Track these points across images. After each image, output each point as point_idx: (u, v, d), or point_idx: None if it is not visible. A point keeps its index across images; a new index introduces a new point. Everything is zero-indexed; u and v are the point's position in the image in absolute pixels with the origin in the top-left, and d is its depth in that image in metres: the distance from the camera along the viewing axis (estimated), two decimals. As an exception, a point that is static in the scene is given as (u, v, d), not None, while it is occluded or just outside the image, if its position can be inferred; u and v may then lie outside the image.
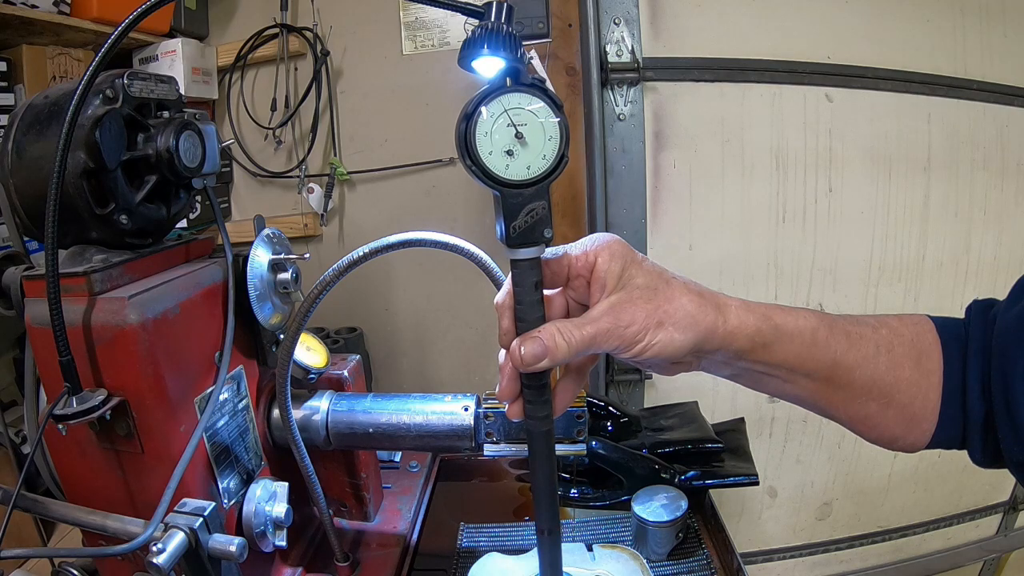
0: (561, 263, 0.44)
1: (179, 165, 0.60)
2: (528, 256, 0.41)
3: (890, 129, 1.38)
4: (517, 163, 0.38)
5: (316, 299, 0.61)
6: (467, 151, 0.38)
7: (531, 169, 0.38)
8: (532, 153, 0.38)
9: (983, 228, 1.45)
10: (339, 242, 1.58)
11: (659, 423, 1.02)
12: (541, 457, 0.46)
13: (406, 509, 0.90)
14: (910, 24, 1.34)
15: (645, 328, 0.41)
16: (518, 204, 0.39)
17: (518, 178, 0.38)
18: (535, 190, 0.39)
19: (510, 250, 0.40)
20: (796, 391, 0.48)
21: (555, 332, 0.41)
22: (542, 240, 0.41)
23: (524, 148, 0.38)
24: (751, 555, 1.61)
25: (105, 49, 0.51)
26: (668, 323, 0.41)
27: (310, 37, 1.44)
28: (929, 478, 1.58)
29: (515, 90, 0.38)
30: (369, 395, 0.76)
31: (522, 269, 0.41)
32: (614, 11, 1.31)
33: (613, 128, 1.35)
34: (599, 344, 0.41)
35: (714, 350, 0.44)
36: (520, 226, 0.39)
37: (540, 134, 0.38)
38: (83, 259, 0.58)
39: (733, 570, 0.78)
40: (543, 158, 0.38)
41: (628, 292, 0.42)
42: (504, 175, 0.38)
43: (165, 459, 0.56)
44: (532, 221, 0.39)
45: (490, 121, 0.38)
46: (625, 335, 0.41)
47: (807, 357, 0.46)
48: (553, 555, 0.50)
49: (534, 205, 0.39)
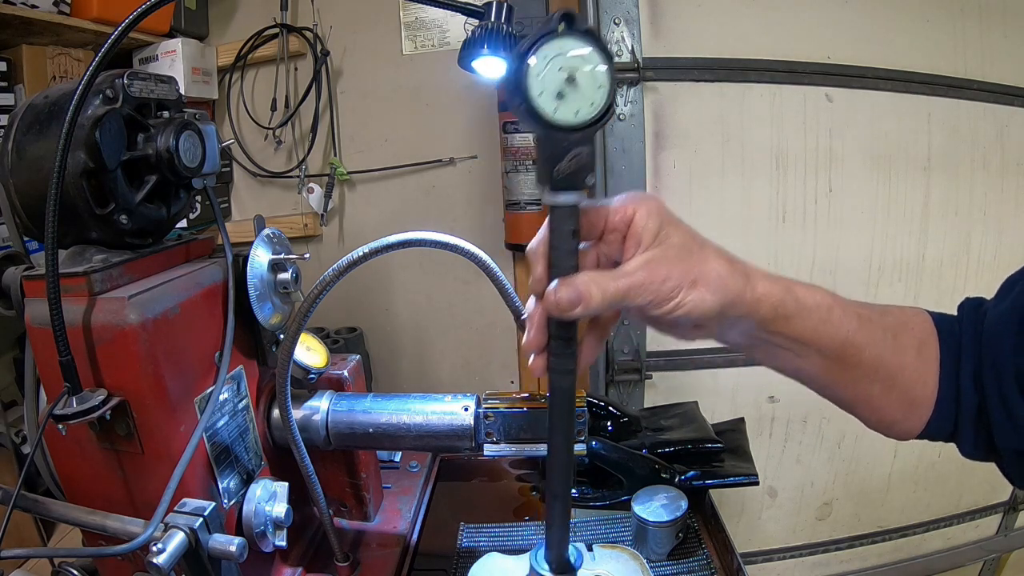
0: (598, 214, 0.43)
1: (179, 165, 0.60)
2: (568, 201, 0.40)
3: (890, 129, 1.38)
4: (566, 107, 0.38)
5: (316, 299, 0.61)
6: (517, 90, 0.37)
7: (579, 114, 0.38)
8: (581, 99, 0.38)
9: (983, 228, 1.45)
10: (339, 242, 1.58)
11: (659, 423, 1.02)
12: (560, 415, 0.45)
13: (406, 509, 0.90)
14: (910, 24, 1.34)
15: (679, 286, 0.41)
16: (563, 148, 0.38)
17: (565, 122, 0.38)
18: (581, 135, 0.38)
19: (551, 194, 0.40)
20: (806, 367, 0.49)
21: (590, 281, 0.40)
22: (584, 186, 0.40)
23: (574, 93, 0.37)
24: (751, 555, 1.61)
25: (105, 49, 0.51)
26: (701, 283, 0.42)
27: (310, 37, 1.44)
28: (929, 478, 1.58)
29: (570, 35, 0.37)
30: (369, 395, 0.76)
31: (561, 215, 0.40)
32: (614, 11, 1.31)
33: (613, 128, 1.34)
34: (633, 297, 0.41)
35: (738, 316, 0.44)
36: (563, 170, 0.39)
37: (590, 81, 0.38)
38: (83, 259, 0.58)
39: (733, 570, 0.78)
40: (591, 105, 0.38)
41: (664, 250, 0.42)
42: (552, 117, 0.37)
43: (165, 459, 0.56)
44: (576, 166, 0.39)
45: (543, 63, 0.37)
46: (660, 291, 0.41)
47: (822, 333, 0.46)
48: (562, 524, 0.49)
49: (579, 150, 0.39)
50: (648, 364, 1.45)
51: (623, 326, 1.43)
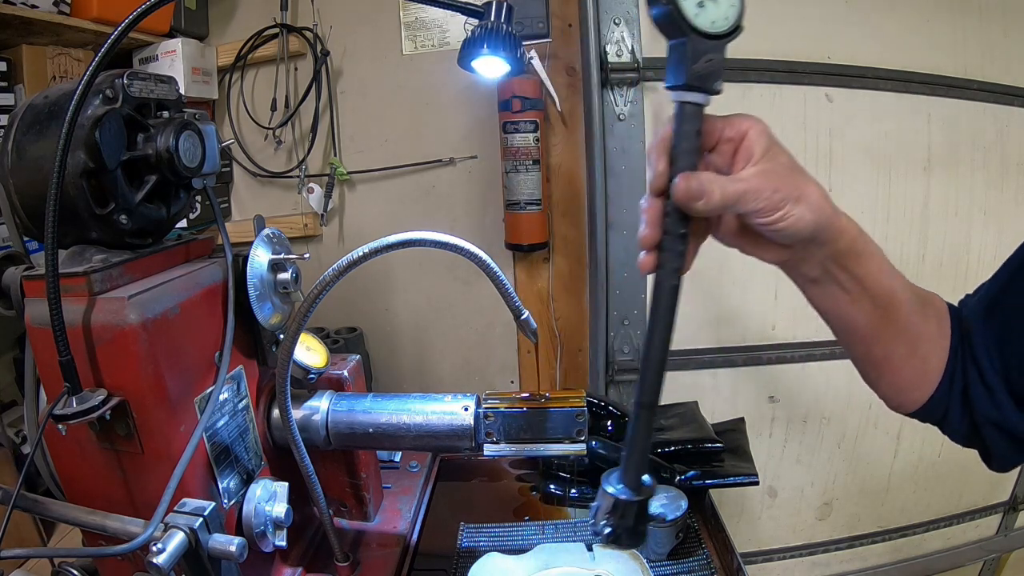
0: (715, 125, 0.47)
1: (179, 165, 0.60)
2: (697, 100, 0.44)
3: (890, 129, 1.38)
4: (705, 15, 0.42)
5: (316, 299, 0.61)
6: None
7: (715, 25, 0.42)
8: (717, 12, 0.42)
9: (983, 228, 1.45)
10: (339, 242, 1.58)
11: (659, 423, 1.02)
12: (663, 315, 0.46)
13: (406, 509, 0.90)
14: (910, 24, 1.34)
15: (786, 198, 0.44)
16: (700, 51, 0.42)
17: (704, 28, 0.42)
18: (715, 43, 0.43)
19: (684, 92, 0.44)
20: (855, 314, 0.52)
21: (712, 179, 0.44)
22: (713, 90, 0.44)
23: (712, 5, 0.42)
24: (751, 555, 1.61)
25: (105, 49, 0.51)
26: (804, 201, 0.45)
27: (310, 37, 1.44)
28: (929, 478, 1.58)
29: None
30: (369, 395, 0.76)
31: (688, 114, 0.44)
32: (614, 11, 1.31)
33: (613, 128, 1.34)
34: (747, 201, 0.44)
35: (822, 243, 0.47)
36: (698, 70, 0.43)
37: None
38: (83, 259, 0.58)
39: (733, 570, 0.79)
40: (725, 19, 0.43)
41: (774, 165, 0.45)
42: (694, 22, 0.42)
43: (165, 459, 0.56)
44: (709, 69, 0.43)
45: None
46: (771, 199, 0.44)
47: (877, 279, 0.50)
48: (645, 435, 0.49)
49: (713, 56, 0.43)
50: (648, 364, 1.45)
51: (623, 326, 1.43)
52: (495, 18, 0.85)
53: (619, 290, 1.41)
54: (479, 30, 0.86)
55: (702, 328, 1.45)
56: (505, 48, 0.85)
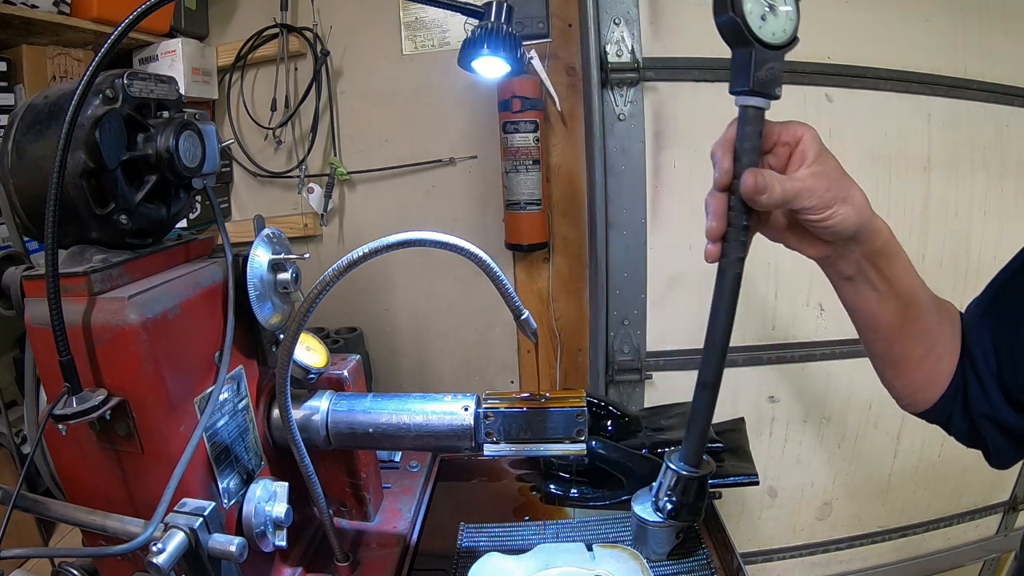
0: (772, 129, 0.51)
1: (179, 165, 0.60)
2: (760, 104, 0.49)
3: (890, 129, 1.38)
4: (767, 27, 0.47)
5: (316, 299, 0.61)
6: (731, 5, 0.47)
7: (775, 36, 0.48)
8: (777, 25, 0.48)
9: (983, 228, 1.45)
10: (339, 242, 1.58)
11: (659, 423, 1.02)
12: (725, 301, 0.52)
13: (406, 509, 0.90)
14: (910, 24, 1.34)
15: (837, 198, 0.49)
16: (762, 59, 0.47)
17: (766, 39, 0.47)
18: (775, 53, 0.48)
19: (748, 97, 0.49)
20: (882, 312, 0.55)
21: (773, 176, 0.49)
22: (773, 95, 0.49)
23: (773, 19, 0.47)
24: (751, 555, 1.61)
25: (105, 49, 0.51)
26: (850, 202, 0.49)
27: (310, 37, 1.44)
28: (929, 478, 1.58)
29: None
30: (369, 395, 0.76)
31: (751, 116, 0.49)
32: (614, 11, 1.31)
33: (613, 128, 1.34)
34: (802, 199, 0.49)
35: (860, 241, 0.51)
36: (761, 77, 0.47)
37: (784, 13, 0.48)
38: (83, 259, 0.58)
39: (733, 570, 0.79)
40: (783, 31, 0.48)
41: (825, 168, 0.50)
42: (758, 33, 0.47)
43: (165, 459, 0.56)
44: (770, 76, 0.48)
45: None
46: (824, 197, 0.49)
47: (904, 280, 0.54)
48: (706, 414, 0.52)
49: (773, 64, 0.48)
50: (648, 364, 1.45)
51: (623, 326, 1.43)
52: (495, 18, 0.85)
53: (619, 290, 1.41)
54: (479, 30, 0.86)
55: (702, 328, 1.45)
56: (505, 48, 0.85)
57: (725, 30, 0.48)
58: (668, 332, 1.46)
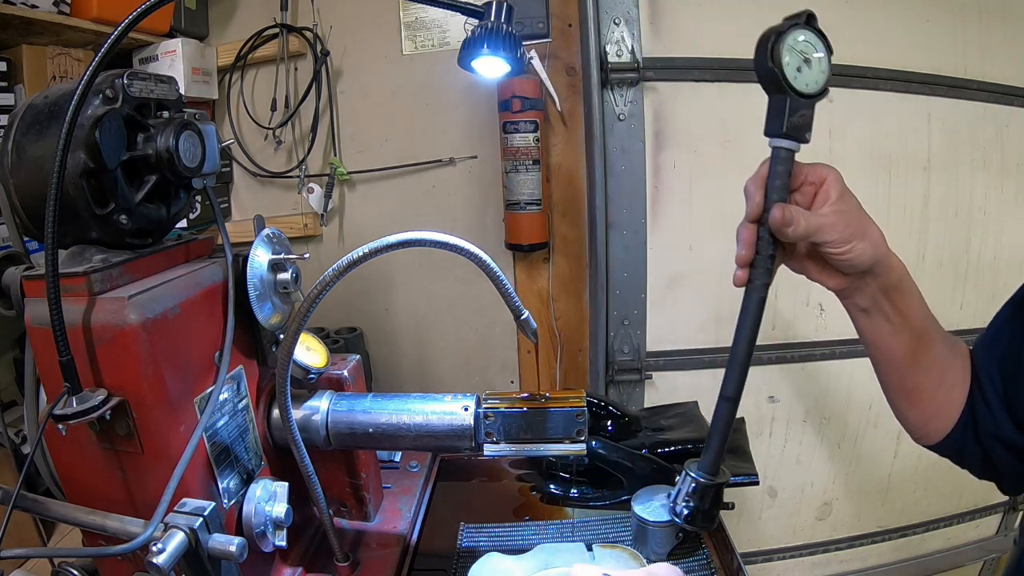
0: (800, 169, 0.56)
1: (179, 165, 0.60)
2: (790, 147, 0.54)
3: (890, 129, 1.38)
4: (801, 79, 0.52)
5: (316, 299, 0.61)
6: (771, 57, 0.52)
7: (808, 87, 0.52)
8: (810, 76, 0.52)
9: (983, 228, 1.45)
10: (339, 242, 1.58)
11: (659, 423, 1.02)
12: (749, 321, 0.56)
13: (406, 509, 0.90)
14: (910, 24, 1.34)
15: (856, 235, 0.54)
16: (795, 107, 0.52)
17: (800, 89, 0.52)
18: (807, 101, 0.53)
19: (781, 140, 0.54)
20: (896, 345, 0.59)
21: (799, 211, 0.54)
22: (803, 139, 0.54)
23: (807, 70, 0.52)
24: (751, 555, 1.61)
25: (105, 49, 0.51)
26: (868, 238, 0.54)
27: (310, 37, 1.44)
28: (929, 478, 1.58)
29: (810, 29, 0.53)
30: (369, 395, 0.76)
31: (783, 157, 0.54)
32: (614, 11, 1.31)
33: (613, 128, 1.34)
34: (824, 232, 0.53)
35: (876, 275, 0.56)
36: (794, 122, 0.53)
37: (818, 66, 0.53)
38: (83, 259, 0.58)
39: (733, 570, 0.79)
40: (816, 82, 0.53)
41: (846, 207, 0.55)
42: (793, 83, 0.52)
43: (165, 459, 0.56)
44: (801, 122, 0.53)
45: (791, 41, 0.52)
46: (844, 232, 0.54)
47: (917, 314, 0.58)
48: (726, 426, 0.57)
49: (805, 112, 0.53)
50: (648, 364, 1.45)
51: (623, 326, 1.43)
52: (495, 18, 0.85)
53: (619, 290, 1.41)
54: (479, 30, 0.86)
55: (702, 328, 1.45)
56: (505, 48, 0.85)
57: (764, 79, 0.53)
58: (668, 332, 1.46)
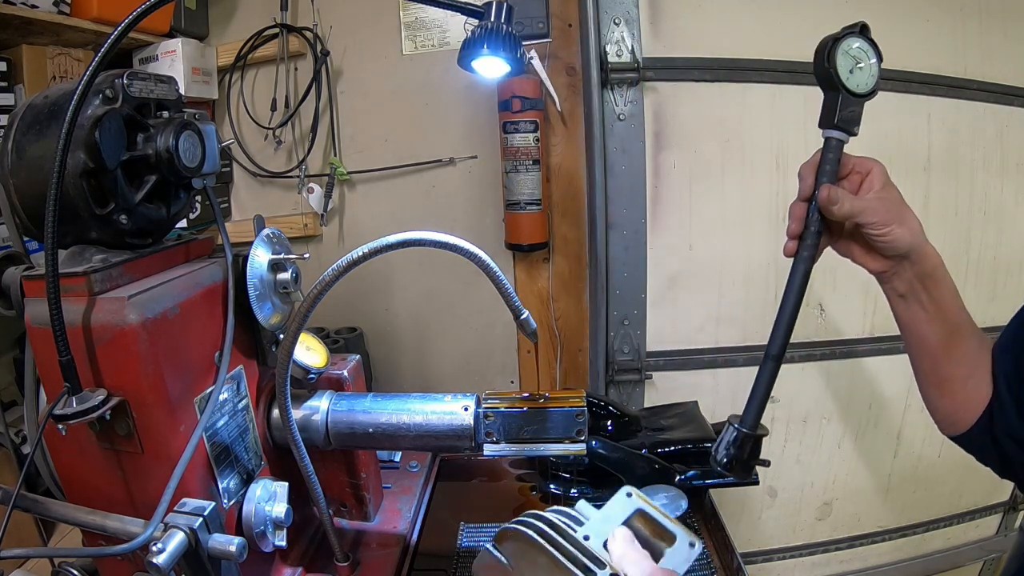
0: (849, 159, 0.61)
1: (179, 165, 0.60)
2: (841, 137, 0.59)
3: (890, 129, 1.38)
4: (853, 79, 0.59)
5: (316, 299, 0.61)
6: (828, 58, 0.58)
7: (858, 87, 0.59)
8: (861, 78, 0.59)
9: (983, 228, 1.45)
10: (339, 242, 1.58)
11: (659, 423, 1.02)
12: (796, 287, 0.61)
13: (406, 509, 0.90)
14: (910, 24, 1.34)
15: (894, 219, 0.58)
16: (846, 104, 0.59)
17: (852, 88, 0.59)
18: (856, 100, 0.59)
19: (833, 131, 0.59)
20: (930, 333, 0.63)
21: (844, 193, 0.59)
22: (852, 132, 0.60)
23: (859, 72, 0.59)
24: (751, 555, 1.61)
25: (105, 49, 0.51)
26: (906, 224, 0.59)
27: (310, 37, 1.44)
28: (929, 478, 1.58)
29: (863, 38, 0.60)
30: (369, 395, 0.76)
31: (833, 146, 0.60)
32: (614, 11, 1.31)
33: (613, 128, 1.34)
34: (867, 215, 0.58)
35: (913, 262, 0.60)
36: (844, 117, 0.59)
37: (868, 70, 0.59)
38: (83, 259, 0.58)
39: (733, 570, 0.79)
40: (866, 84, 0.59)
41: (888, 195, 0.60)
42: (846, 83, 0.58)
43: (165, 459, 0.56)
44: (851, 116, 0.59)
45: (847, 47, 0.59)
46: (884, 216, 0.58)
47: (951, 305, 0.62)
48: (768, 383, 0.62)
49: (853, 108, 0.59)
50: (648, 364, 1.45)
51: (623, 326, 1.43)
52: (495, 18, 0.85)
53: (619, 290, 1.41)
54: (479, 30, 0.85)
55: (702, 328, 1.45)
56: (505, 48, 0.85)
57: (821, 78, 0.59)
58: (668, 332, 1.46)
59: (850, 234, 0.63)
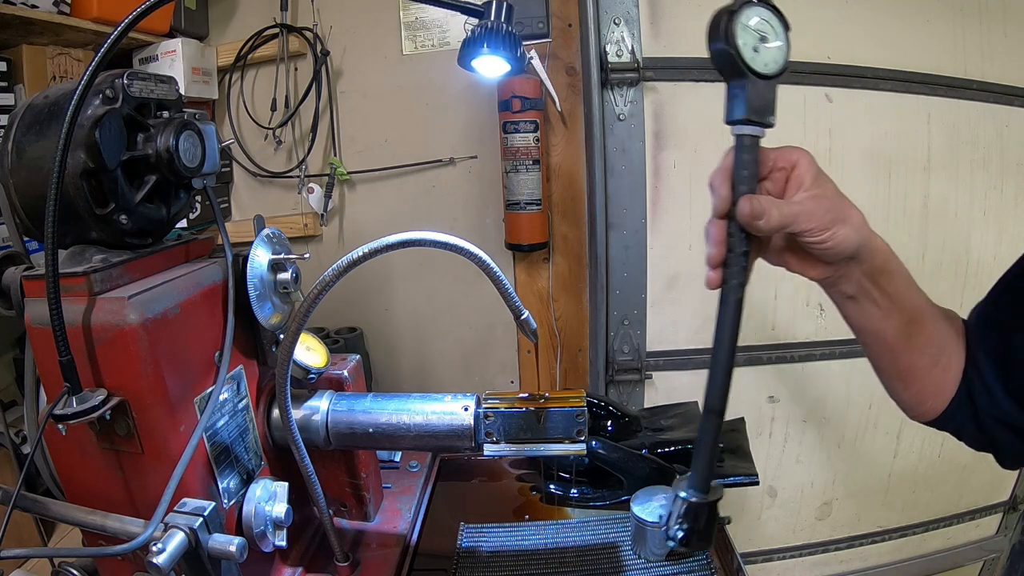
0: (768, 155, 0.51)
1: (179, 165, 0.60)
2: (755, 133, 0.49)
3: (890, 129, 1.38)
4: (759, 59, 0.47)
5: (316, 299, 0.61)
6: (726, 37, 0.47)
7: (766, 67, 0.48)
8: (768, 56, 0.48)
9: (983, 228, 1.45)
10: (339, 242, 1.58)
11: (659, 423, 1.02)
12: (729, 326, 0.52)
13: (406, 509, 0.90)
14: (910, 24, 1.34)
15: (835, 220, 0.49)
16: (755, 89, 0.48)
17: (758, 69, 0.47)
18: (766, 83, 0.48)
19: (743, 126, 0.49)
20: (886, 328, 0.56)
21: (770, 202, 0.48)
22: (767, 124, 0.49)
23: (764, 50, 0.48)
24: (751, 555, 1.61)
25: (105, 49, 0.51)
26: (848, 223, 0.50)
27: (310, 37, 1.44)
28: (929, 478, 1.58)
29: (765, 6, 0.48)
30: (369, 395, 0.76)
31: (747, 145, 0.49)
32: (614, 11, 1.31)
33: (613, 128, 1.34)
34: (800, 222, 0.49)
35: (861, 261, 0.52)
36: (755, 106, 0.48)
37: (774, 44, 0.48)
38: (83, 259, 0.58)
39: (733, 570, 0.79)
40: (775, 62, 0.48)
41: (822, 191, 0.51)
42: (751, 64, 0.47)
43: (165, 459, 0.56)
44: (763, 105, 0.48)
45: (746, 20, 0.47)
46: (823, 219, 0.49)
47: (906, 296, 0.55)
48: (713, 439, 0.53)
49: (766, 93, 0.48)
50: (648, 364, 1.45)
51: (623, 326, 1.43)
52: (495, 18, 0.85)
53: (619, 290, 1.41)
54: (479, 30, 0.85)
55: (702, 328, 1.45)
56: (505, 48, 0.85)
57: (719, 61, 0.48)
58: (668, 332, 1.46)
59: (783, 243, 0.54)
